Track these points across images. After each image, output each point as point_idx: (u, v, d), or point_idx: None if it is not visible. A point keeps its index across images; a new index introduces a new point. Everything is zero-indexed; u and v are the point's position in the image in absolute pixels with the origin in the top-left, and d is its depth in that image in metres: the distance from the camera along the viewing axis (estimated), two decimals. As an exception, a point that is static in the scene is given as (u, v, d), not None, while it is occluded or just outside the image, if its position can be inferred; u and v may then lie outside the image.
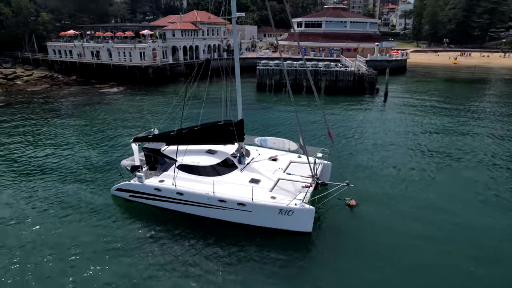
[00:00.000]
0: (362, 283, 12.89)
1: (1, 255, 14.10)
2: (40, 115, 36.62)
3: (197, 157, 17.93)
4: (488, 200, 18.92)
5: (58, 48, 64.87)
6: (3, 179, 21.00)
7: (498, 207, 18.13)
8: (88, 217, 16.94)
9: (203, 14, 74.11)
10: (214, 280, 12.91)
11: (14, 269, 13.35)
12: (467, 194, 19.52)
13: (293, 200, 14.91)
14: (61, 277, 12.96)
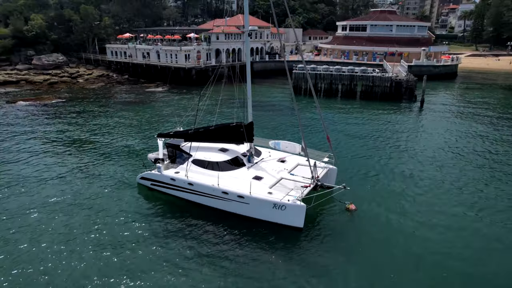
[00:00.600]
0: (344, 281, 13.86)
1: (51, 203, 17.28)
2: (92, 109, 41.47)
3: (210, 153, 19.96)
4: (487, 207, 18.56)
5: (115, 49, 71.53)
6: (64, 153, 24.86)
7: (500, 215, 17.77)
8: (116, 191, 20.00)
9: (250, 18, 76.69)
10: (206, 265, 14.73)
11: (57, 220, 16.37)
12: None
13: (286, 196, 16.28)
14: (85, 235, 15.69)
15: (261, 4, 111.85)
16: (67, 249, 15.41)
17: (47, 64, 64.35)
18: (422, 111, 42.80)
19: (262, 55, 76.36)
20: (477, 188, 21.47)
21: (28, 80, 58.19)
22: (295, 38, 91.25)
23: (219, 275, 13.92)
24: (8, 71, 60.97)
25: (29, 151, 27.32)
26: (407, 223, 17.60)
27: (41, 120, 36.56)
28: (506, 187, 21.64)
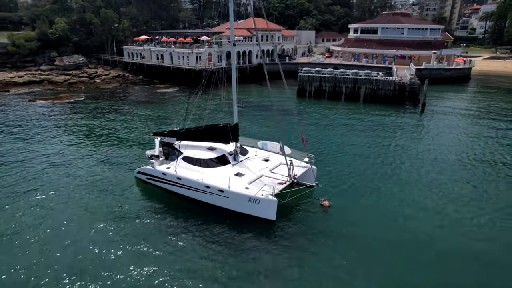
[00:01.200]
0: (309, 270, 15.38)
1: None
2: (103, 108, 44.31)
3: (199, 151, 21.84)
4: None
5: (131, 51, 74.88)
6: (73, 146, 27.43)
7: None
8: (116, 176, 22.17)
9: (259, 21, 78.42)
10: (185, 252, 16.59)
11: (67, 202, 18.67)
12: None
13: (260, 191, 17.92)
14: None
15: (276, 6, 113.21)
16: (64, 218, 17.66)
17: (68, 65, 68.29)
18: (422, 115, 43.29)
19: (272, 57, 77.86)
20: (454, 186, 22.41)
21: (50, 80, 62.09)
22: (307, 40, 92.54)
23: (194, 260, 15.73)
24: (33, 72, 65.17)
25: (42, 143, 30.10)
26: (377, 218, 18.88)
27: (55, 117, 39.60)
28: (471, 181, 22.48)
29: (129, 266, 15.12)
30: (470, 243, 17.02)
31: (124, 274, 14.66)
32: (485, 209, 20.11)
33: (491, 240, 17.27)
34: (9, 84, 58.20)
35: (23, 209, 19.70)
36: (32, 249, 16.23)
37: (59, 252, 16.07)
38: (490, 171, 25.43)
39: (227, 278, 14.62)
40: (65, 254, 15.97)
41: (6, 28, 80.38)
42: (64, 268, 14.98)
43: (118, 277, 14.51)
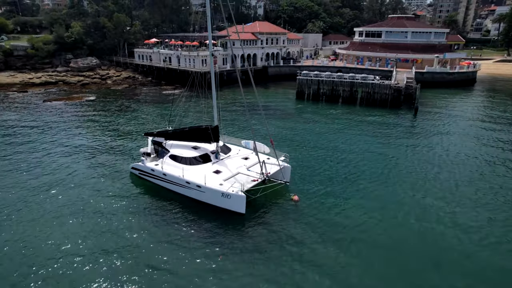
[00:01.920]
0: (277, 257, 17.48)
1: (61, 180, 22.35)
2: (109, 108, 47.38)
3: (184, 150, 24.21)
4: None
5: (141, 53, 78.32)
6: (78, 141, 30.33)
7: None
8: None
9: (265, 24, 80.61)
10: (164, 239, 18.95)
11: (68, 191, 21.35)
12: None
13: (231, 187, 20.10)
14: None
15: (285, 9, 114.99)
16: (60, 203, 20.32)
17: (82, 67, 72.19)
18: (414, 119, 44.48)
19: (277, 60, 79.87)
20: (416, 184, 24.07)
21: (65, 81, 65.95)
22: (314, 43, 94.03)
23: (170, 248, 18.06)
24: (50, 73, 69.29)
25: (50, 139, 33.16)
26: (341, 212, 20.77)
27: (65, 117, 42.79)
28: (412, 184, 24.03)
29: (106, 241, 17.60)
30: (423, 228, 18.74)
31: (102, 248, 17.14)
32: (432, 194, 21.71)
33: (438, 222, 18.94)
34: (28, 84, 62.31)
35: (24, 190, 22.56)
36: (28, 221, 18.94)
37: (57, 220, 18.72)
38: (462, 171, 26.87)
39: (195, 263, 16.87)
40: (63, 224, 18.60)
41: (27, 32, 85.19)
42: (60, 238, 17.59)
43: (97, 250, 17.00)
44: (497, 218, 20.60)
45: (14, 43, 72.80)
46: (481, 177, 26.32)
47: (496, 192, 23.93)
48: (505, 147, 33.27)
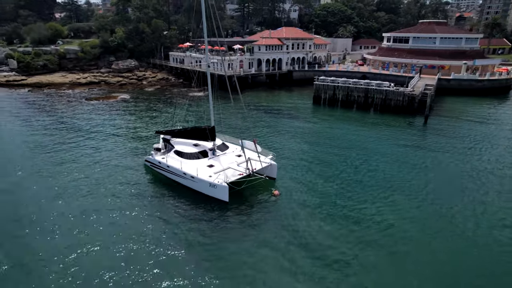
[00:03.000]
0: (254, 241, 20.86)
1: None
2: (139, 107, 53.03)
3: (186, 147, 28.22)
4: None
5: (175, 56, 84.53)
6: (106, 134, 35.65)
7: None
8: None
9: (292, 30, 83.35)
10: (160, 222, 23.00)
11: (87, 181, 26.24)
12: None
13: (217, 179, 23.69)
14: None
15: (318, 14, 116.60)
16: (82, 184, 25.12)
17: (122, 68, 79.72)
18: (424, 127, 45.12)
19: (303, 64, 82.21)
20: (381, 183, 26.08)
21: (106, 81, 73.53)
22: (343, 47, 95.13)
23: (163, 223, 22.04)
24: (94, 74, 77.44)
25: (84, 131, 38.91)
26: (317, 206, 23.58)
27: (101, 113, 48.96)
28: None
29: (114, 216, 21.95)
30: (392, 215, 21.09)
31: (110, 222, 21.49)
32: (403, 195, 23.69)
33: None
34: (75, 84, 70.50)
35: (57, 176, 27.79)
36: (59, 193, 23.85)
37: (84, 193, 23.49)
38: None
39: (181, 237, 20.68)
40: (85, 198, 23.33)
41: (79, 37, 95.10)
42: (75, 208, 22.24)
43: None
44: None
45: (67, 47, 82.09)
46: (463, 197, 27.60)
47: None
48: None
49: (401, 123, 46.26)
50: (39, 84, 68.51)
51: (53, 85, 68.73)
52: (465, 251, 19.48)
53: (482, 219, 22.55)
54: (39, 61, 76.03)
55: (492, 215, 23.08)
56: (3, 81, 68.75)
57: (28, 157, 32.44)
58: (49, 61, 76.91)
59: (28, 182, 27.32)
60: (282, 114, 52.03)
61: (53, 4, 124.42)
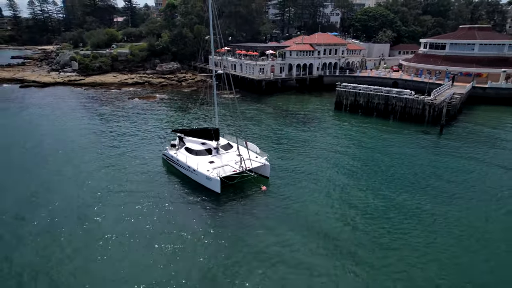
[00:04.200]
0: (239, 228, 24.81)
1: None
2: (171, 106, 59.05)
3: (194, 144, 32.73)
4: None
5: (214, 60, 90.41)
6: (136, 130, 41.58)
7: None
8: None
9: (324, 36, 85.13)
10: (166, 208, 27.69)
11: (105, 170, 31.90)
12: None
13: (212, 173, 27.79)
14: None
15: (358, 18, 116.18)
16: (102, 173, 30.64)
17: (165, 70, 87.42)
18: (439, 137, 45.24)
19: (335, 69, 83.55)
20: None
21: (150, 82, 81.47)
22: (380, 52, 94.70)
23: (165, 205, 26.68)
24: (140, 75, 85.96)
25: (121, 125, 45.31)
26: (301, 202, 26.77)
27: (137, 111, 55.66)
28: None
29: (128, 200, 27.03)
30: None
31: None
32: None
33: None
34: (123, 84, 79.20)
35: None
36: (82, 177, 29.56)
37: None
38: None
39: (178, 218, 25.14)
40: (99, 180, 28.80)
41: (131, 41, 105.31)
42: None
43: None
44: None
45: (120, 50, 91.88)
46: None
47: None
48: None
49: (416, 132, 46.81)
50: (93, 83, 78.18)
51: (104, 84, 77.98)
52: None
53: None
54: (96, 63, 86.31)
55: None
56: (65, 80, 79.51)
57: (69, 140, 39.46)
58: (104, 63, 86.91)
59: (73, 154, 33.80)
60: (301, 116, 54.94)
61: (113, 11, 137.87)
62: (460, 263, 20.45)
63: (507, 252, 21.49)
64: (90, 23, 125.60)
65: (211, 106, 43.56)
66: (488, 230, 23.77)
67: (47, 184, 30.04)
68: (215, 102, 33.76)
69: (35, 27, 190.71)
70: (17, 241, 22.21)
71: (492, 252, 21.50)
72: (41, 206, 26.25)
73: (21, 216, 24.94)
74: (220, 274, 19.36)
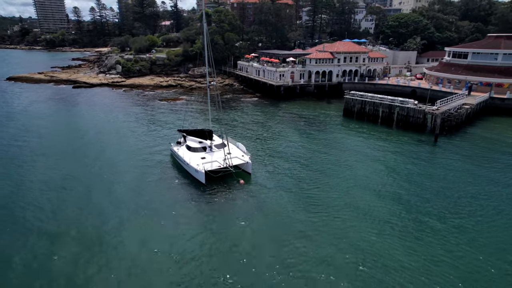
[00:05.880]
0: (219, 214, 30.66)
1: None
2: (191, 108, 66.14)
3: (193, 142, 38.95)
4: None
5: (242, 66, 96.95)
6: (154, 127, 49.00)
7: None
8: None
9: (345, 44, 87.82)
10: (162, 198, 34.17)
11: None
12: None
13: (200, 166, 33.72)
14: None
15: (389, 24, 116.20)
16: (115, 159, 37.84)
17: (196, 74, 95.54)
18: (433, 146, 47.27)
19: (352, 76, 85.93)
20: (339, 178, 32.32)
21: (181, 85, 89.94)
22: (405, 60, 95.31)
23: (162, 190, 33.12)
24: (174, 78, 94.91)
25: (144, 124, 53.01)
26: (276, 195, 31.87)
27: (163, 110, 63.45)
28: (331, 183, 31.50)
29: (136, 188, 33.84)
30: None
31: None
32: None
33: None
34: (157, 86, 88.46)
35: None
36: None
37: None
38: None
39: (169, 203, 31.44)
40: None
41: (169, 46, 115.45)
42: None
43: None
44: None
45: (158, 55, 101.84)
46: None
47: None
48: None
49: (412, 140, 49.02)
50: (132, 85, 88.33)
51: (142, 86, 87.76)
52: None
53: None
54: (136, 66, 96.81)
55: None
56: (109, 81, 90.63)
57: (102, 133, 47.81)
58: (143, 67, 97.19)
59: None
60: (307, 120, 59.21)
61: (157, 18, 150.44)
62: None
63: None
64: (138, 28, 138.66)
65: (225, 109, 49.22)
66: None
67: (100, 158, 38.13)
68: (209, 109, 39.65)
69: (94, 31, 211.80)
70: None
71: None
72: (99, 175, 34.11)
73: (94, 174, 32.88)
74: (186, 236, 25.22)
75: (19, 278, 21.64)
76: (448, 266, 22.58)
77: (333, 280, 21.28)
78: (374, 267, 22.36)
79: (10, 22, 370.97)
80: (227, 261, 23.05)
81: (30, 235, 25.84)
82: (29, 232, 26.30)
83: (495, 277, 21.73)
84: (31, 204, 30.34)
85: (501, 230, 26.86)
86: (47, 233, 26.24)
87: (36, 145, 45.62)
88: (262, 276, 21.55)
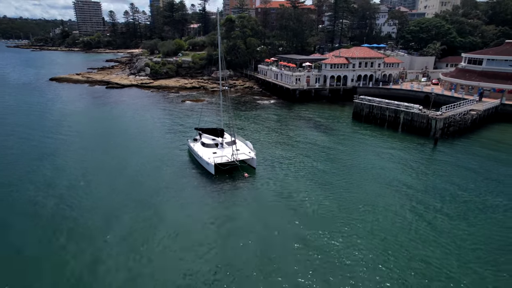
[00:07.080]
0: (219, 200, 35.89)
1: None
2: (213, 108, 71.77)
3: (207, 140, 44.29)
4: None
5: (262, 69, 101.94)
6: (173, 123, 54.98)
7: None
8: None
9: (361, 50, 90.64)
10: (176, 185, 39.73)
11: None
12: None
13: (210, 160, 38.94)
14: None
15: (410, 29, 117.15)
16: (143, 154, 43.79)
17: (218, 77, 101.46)
18: (432, 149, 50.08)
19: (367, 81, 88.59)
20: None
21: (204, 87, 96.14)
22: (423, 65, 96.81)
23: (182, 179, 38.66)
24: (198, 80, 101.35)
25: (165, 123, 59.08)
26: (274, 189, 36.58)
27: (183, 110, 69.52)
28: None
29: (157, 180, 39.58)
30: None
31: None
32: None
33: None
34: (182, 88, 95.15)
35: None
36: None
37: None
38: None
39: (184, 191, 36.88)
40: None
41: (194, 49, 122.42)
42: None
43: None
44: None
45: (184, 58, 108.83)
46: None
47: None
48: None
49: (413, 143, 51.88)
50: (159, 86, 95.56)
51: (168, 87, 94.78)
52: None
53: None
54: (164, 68, 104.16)
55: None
56: (139, 83, 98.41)
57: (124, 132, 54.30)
58: (170, 69, 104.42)
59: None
60: (315, 122, 63.17)
61: (185, 22, 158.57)
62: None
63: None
64: (167, 32, 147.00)
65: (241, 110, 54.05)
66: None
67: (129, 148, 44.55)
68: (221, 110, 44.83)
69: (127, 33, 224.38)
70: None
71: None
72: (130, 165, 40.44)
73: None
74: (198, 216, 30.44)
75: (71, 251, 27.64)
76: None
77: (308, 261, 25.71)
78: (371, 260, 26.56)
79: (52, 25, 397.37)
80: (220, 232, 28.10)
81: (84, 213, 32.01)
82: (83, 210, 32.49)
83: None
84: (75, 187, 36.78)
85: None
86: (83, 208, 32.36)
87: (76, 139, 52.82)
88: (247, 246, 26.37)
